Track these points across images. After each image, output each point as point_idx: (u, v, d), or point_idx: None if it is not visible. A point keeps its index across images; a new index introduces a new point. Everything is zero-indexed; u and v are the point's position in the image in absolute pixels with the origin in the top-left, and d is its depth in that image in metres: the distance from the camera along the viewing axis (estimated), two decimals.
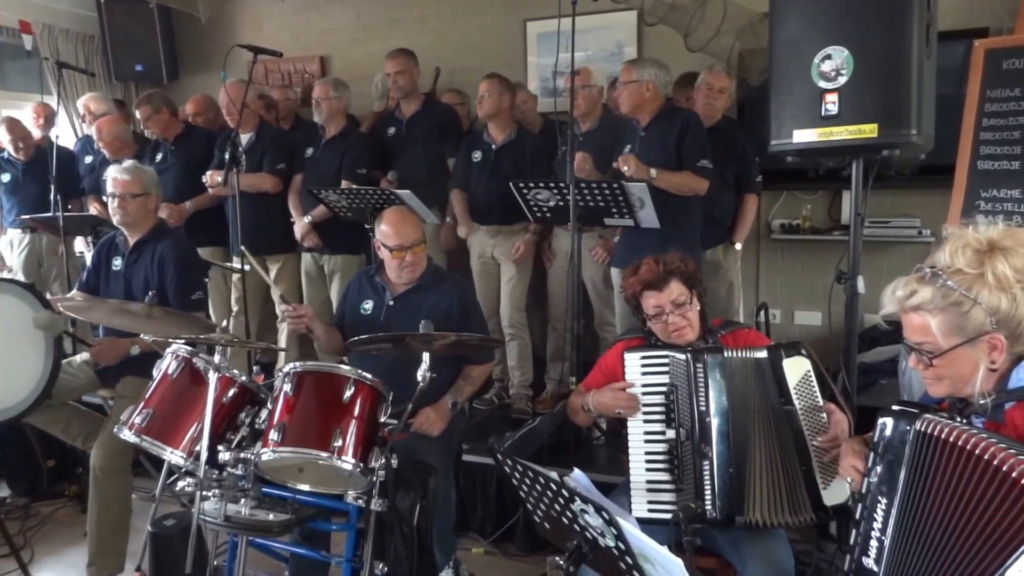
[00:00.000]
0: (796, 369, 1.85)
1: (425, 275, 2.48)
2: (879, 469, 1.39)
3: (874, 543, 1.37)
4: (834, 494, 1.81)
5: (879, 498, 1.37)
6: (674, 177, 3.02)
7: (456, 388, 2.42)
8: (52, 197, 3.84)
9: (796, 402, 1.84)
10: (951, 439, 1.26)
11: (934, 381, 1.39)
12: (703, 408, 1.86)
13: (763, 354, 1.88)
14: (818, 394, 1.85)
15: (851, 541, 1.44)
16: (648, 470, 1.92)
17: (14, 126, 4.36)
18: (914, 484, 1.31)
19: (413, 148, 3.85)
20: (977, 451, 1.21)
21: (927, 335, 1.35)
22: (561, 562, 1.46)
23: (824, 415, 1.84)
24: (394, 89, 3.88)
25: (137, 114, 4.20)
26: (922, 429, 1.31)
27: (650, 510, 1.89)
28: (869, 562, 1.38)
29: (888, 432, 1.39)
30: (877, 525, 1.36)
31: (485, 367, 2.53)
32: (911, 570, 1.30)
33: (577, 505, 1.39)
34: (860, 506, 1.42)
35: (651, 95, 3.10)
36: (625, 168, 2.96)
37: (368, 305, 2.51)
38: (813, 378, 1.85)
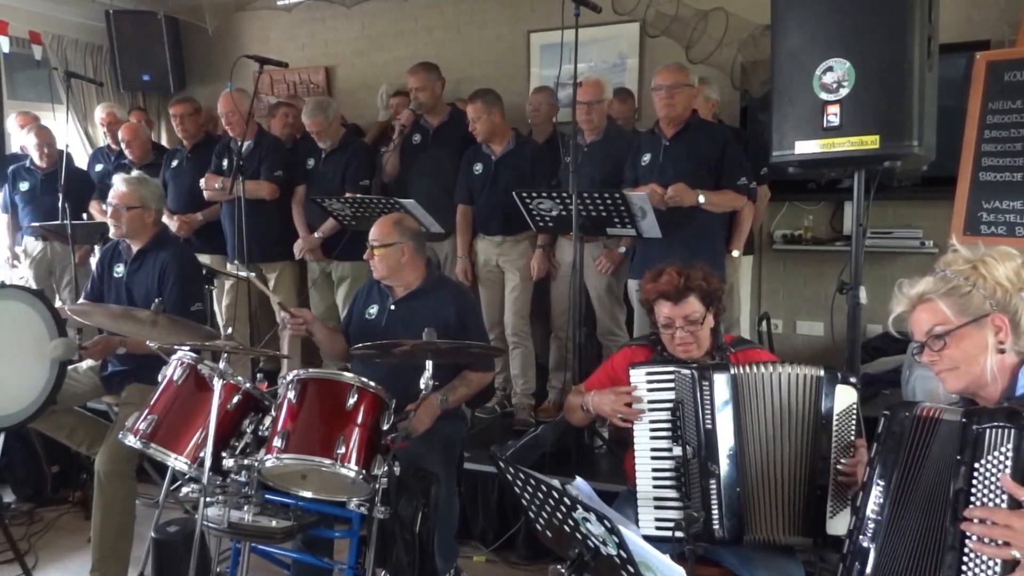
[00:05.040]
0: (844, 398, 1.83)
1: (426, 281, 2.52)
2: (879, 457, 1.46)
3: (871, 524, 1.43)
4: (837, 525, 1.80)
5: (878, 481, 1.44)
6: (718, 197, 3.04)
7: (450, 387, 2.42)
8: (61, 205, 3.87)
9: (834, 427, 1.82)
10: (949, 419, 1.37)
11: (948, 372, 1.46)
12: (709, 426, 1.83)
13: (821, 372, 1.85)
14: (854, 429, 1.83)
15: (850, 526, 1.49)
16: (655, 486, 1.90)
17: (43, 132, 4.41)
18: (910, 463, 1.40)
19: (439, 157, 3.85)
20: None
21: (936, 316, 1.45)
22: (563, 570, 1.46)
23: (853, 450, 1.82)
24: (414, 104, 3.88)
25: (171, 111, 4.25)
26: (921, 414, 1.42)
27: (658, 527, 1.87)
28: (865, 540, 1.43)
29: (889, 422, 1.46)
30: (874, 507, 1.43)
31: (484, 374, 2.53)
32: (902, 542, 1.38)
33: (579, 513, 1.40)
34: (861, 493, 1.48)
35: (694, 102, 3.15)
36: (675, 197, 2.94)
37: (373, 310, 2.57)
38: (855, 412, 1.83)
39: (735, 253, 3.44)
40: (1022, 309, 1.42)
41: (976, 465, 1.30)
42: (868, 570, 1.41)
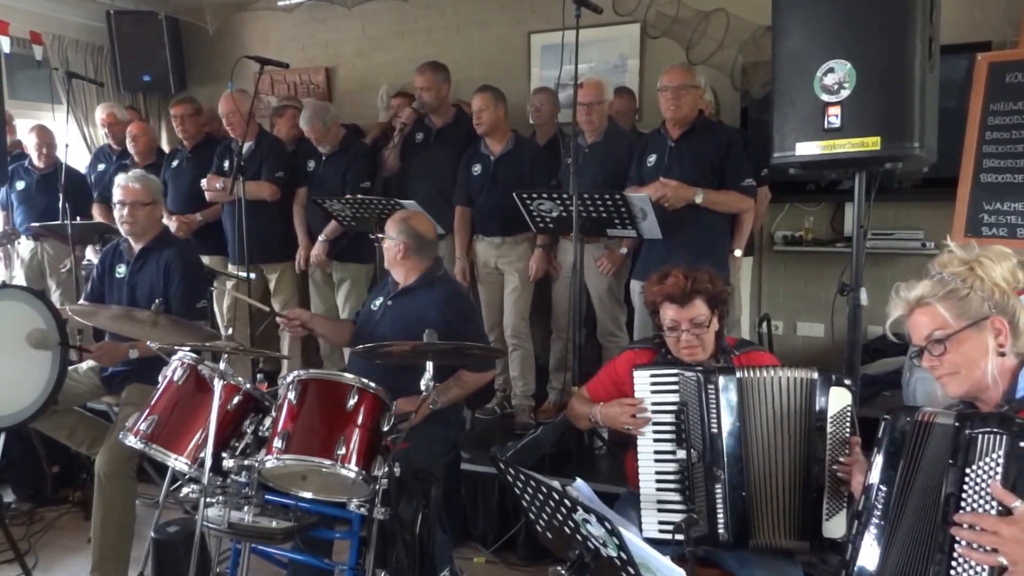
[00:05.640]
0: (838, 400, 1.84)
1: (418, 280, 2.54)
2: (881, 461, 1.45)
3: (874, 529, 1.43)
4: (833, 527, 1.81)
5: (881, 487, 1.44)
6: (719, 197, 3.03)
7: (443, 387, 2.40)
8: (61, 205, 3.87)
9: (828, 430, 1.82)
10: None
11: (949, 376, 1.45)
12: (715, 430, 1.83)
13: (814, 375, 1.84)
14: (848, 429, 1.84)
15: (852, 531, 1.48)
16: (659, 489, 1.89)
17: (43, 133, 4.42)
18: (910, 467, 1.40)
19: (441, 158, 3.86)
20: None
21: (935, 321, 1.44)
22: (563, 572, 1.46)
23: (847, 449, 1.82)
24: (417, 103, 3.89)
25: (172, 112, 4.26)
26: (922, 419, 1.41)
27: (661, 530, 1.86)
28: (869, 543, 1.43)
29: (891, 427, 1.46)
30: (877, 513, 1.43)
31: (480, 375, 2.51)
32: (900, 544, 1.38)
33: (579, 515, 1.39)
34: (864, 498, 1.47)
35: (699, 103, 3.15)
36: (667, 193, 2.92)
37: (377, 302, 2.61)
38: (849, 413, 1.84)
39: (737, 253, 3.42)
40: (1020, 310, 1.42)
41: (968, 470, 1.30)
42: (871, 573, 1.41)
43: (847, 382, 1.85)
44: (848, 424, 1.83)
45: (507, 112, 3.63)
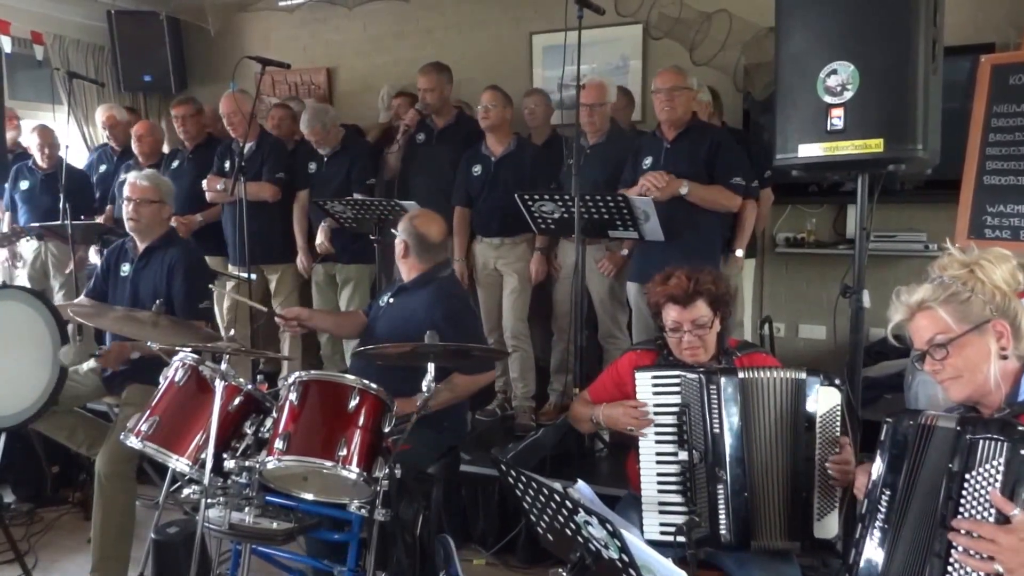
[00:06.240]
0: (827, 399, 1.84)
1: (415, 279, 2.54)
2: (883, 465, 1.45)
3: (877, 532, 1.43)
4: (824, 527, 1.81)
5: (884, 490, 1.44)
6: (706, 192, 3.04)
7: (433, 389, 2.40)
8: (62, 206, 3.87)
9: (817, 429, 1.83)
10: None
11: (952, 381, 1.44)
12: (717, 431, 1.83)
13: (803, 375, 1.85)
14: (838, 428, 1.84)
15: (856, 535, 1.48)
16: (660, 491, 1.90)
17: (45, 133, 4.43)
18: (913, 471, 1.40)
19: (442, 158, 3.86)
20: None
21: (937, 324, 1.43)
22: (564, 574, 1.46)
23: (838, 448, 1.83)
24: (422, 104, 3.90)
25: (173, 112, 4.26)
26: (924, 423, 1.41)
27: (662, 532, 1.86)
28: (873, 547, 1.43)
29: (893, 430, 1.46)
30: (880, 516, 1.43)
31: (472, 378, 2.47)
32: (901, 547, 1.38)
33: (581, 517, 1.39)
34: (867, 501, 1.48)
35: (693, 104, 3.16)
36: (655, 183, 2.93)
37: (384, 299, 2.62)
38: (839, 413, 1.84)
39: (738, 253, 3.42)
40: (1021, 313, 1.41)
41: (967, 476, 1.30)
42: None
43: (837, 381, 1.85)
44: (838, 424, 1.83)
45: (512, 115, 3.63)
